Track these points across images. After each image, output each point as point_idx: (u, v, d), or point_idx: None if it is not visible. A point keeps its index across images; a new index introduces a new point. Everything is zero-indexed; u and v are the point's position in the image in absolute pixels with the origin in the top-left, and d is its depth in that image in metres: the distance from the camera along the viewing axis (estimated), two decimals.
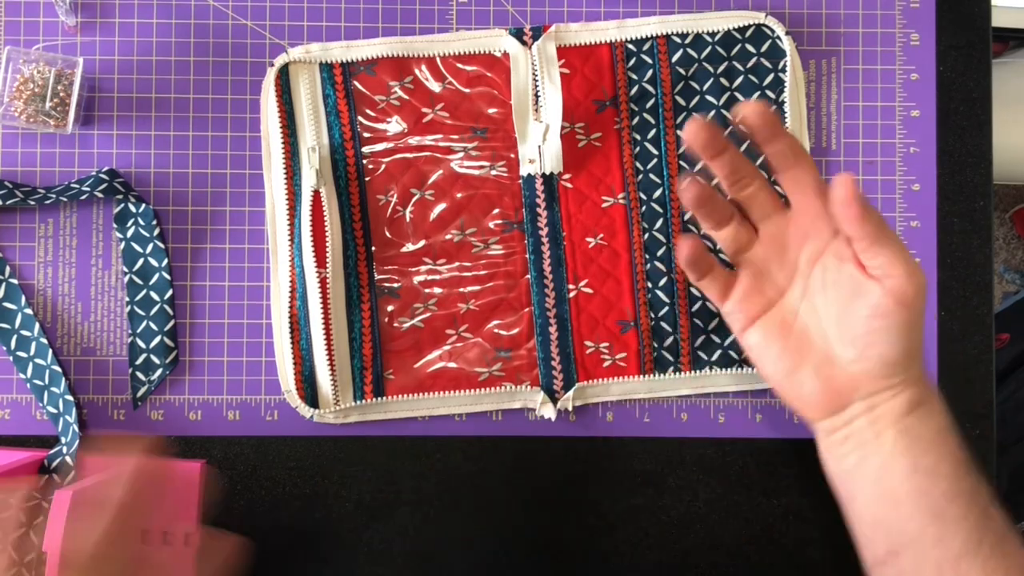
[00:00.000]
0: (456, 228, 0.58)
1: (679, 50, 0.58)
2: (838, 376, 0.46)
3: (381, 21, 0.59)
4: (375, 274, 0.57)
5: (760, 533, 0.59)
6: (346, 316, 0.57)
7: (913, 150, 0.60)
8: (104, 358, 0.58)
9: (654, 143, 0.58)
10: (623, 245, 0.58)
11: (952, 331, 0.59)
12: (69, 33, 0.58)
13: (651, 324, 0.58)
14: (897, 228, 0.60)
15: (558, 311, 0.58)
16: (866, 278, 0.45)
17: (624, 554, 0.58)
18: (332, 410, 0.56)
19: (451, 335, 0.57)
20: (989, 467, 0.59)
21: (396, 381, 0.57)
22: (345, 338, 0.57)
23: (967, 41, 0.60)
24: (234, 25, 0.59)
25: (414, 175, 0.57)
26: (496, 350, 0.57)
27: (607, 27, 0.58)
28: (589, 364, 0.58)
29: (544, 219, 0.58)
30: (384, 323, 0.57)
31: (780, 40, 0.58)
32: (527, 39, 0.58)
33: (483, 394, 0.57)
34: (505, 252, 0.58)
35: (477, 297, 0.58)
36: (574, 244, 0.58)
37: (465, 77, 0.58)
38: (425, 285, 0.58)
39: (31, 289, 0.58)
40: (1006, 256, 1.52)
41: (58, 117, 0.55)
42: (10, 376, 0.57)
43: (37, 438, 0.57)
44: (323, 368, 0.56)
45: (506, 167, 0.58)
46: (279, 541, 0.58)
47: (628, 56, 0.58)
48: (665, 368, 0.58)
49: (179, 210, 0.58)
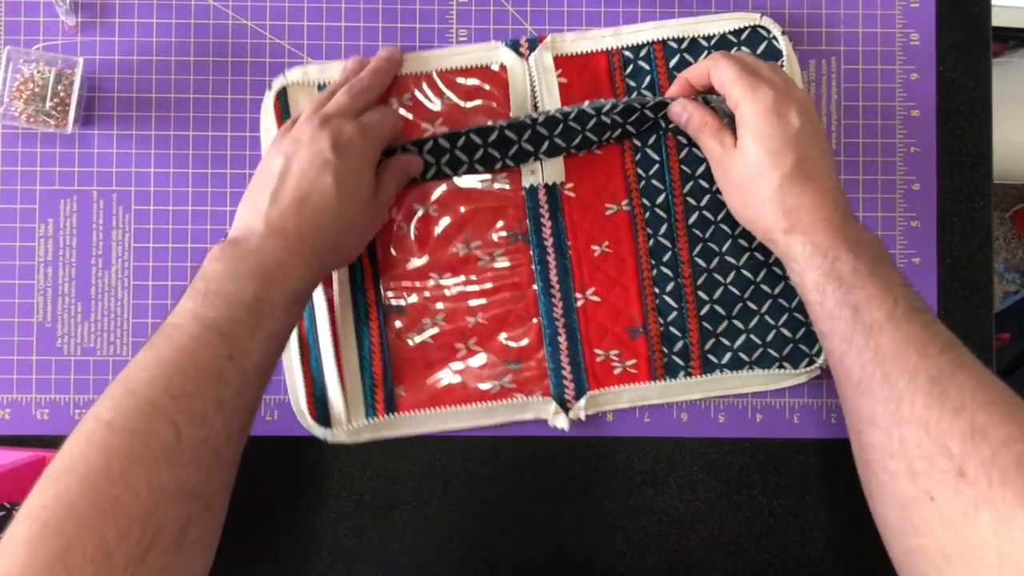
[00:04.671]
0: (461, 242, 0.57)
1: (676, 55, 0.58)
2: None
3: (381, 21, 0.59)
4: (382, 291, 0.57)
5: (760, 533, 0.59)
6: (355, 335, 0.57)
7: (913, 150, 0.60)
8: (104, 358, 0.58)
9: (655, 148, 0.58)
10: (629, 252, 0.58)
11: (952, 331, 0.59)
12: (69, 33, 0.58)
13: (660, 330, 0.58)
14: (897, 228, 0.60)
15: (567, 320, 0.57)
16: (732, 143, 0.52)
17: (624, 554, 0.58)
18: (345, 429, 0.56)
19: (460, 349, 0.57)
20: None
21: (407, 397, 0.57)
22: (355, 357, 0.57)
23: (967, 41, 0.60)
24: (234, 25, 0.59)
25: (417, 191, 0.57)
26: (506, 362, 0.57)
27: (603, 35, 0.58)
28: (600, 372, 0.57)
29: (548, 229, 0.57)
30: (393, 340, 0.57)
31: (776, 40, 0.58)
32: (523, 51, 0.58)
33: (495, 407, 0.57)
34: (511, 264, 0.58)
35: (485, 310, 0.57)
36: (580, 253, 0.58)
37: (464, 91, 0.58)
38: (432, 300, 0.57)
39: (31, 289, 0.58)
40: (1006, 256, 1.52)
41: (58, 117, 0.55)
42: (10, 376, 0.57)
43: (37, 438, 0.57)
44: (334, 388, 0.56)
45: (508, 179, 0.57)
46: (279, 541, 0.58)
47: (625, 63, 0.58)
48: (676, 373, 0.58)
49: (179, 210, 0.58)
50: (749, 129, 0.50)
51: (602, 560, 0.58)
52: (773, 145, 0.49)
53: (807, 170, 0.49)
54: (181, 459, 0.40)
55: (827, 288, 0.46)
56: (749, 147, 0.50)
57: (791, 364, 0.57)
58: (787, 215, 0.49)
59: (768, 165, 0.49)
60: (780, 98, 0.50)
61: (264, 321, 0.45)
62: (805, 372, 0.58)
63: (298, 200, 0.48)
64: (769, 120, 0.49)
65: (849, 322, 0.45)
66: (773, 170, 0.49)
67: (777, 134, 0.49)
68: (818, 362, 0.57)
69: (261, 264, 0.46)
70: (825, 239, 0.48)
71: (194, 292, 0.45)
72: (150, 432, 0.39)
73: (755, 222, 0.52)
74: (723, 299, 0.58)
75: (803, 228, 0.48)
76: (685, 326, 0.58)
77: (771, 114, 0.49)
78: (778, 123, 0.49)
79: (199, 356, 0.42)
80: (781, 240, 0.49)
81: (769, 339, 0.57)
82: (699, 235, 0.58)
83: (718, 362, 0.58)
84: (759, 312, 0.58)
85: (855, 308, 0.45)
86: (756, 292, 0.57)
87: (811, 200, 0.49)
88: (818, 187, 0.49)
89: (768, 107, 0.49)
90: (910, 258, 0.60)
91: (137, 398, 0.40)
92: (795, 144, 0.49)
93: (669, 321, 0.57)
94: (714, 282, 0.58)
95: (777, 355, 0.57)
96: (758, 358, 0.57)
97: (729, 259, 0.57)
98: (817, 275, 0.47)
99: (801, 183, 0.49)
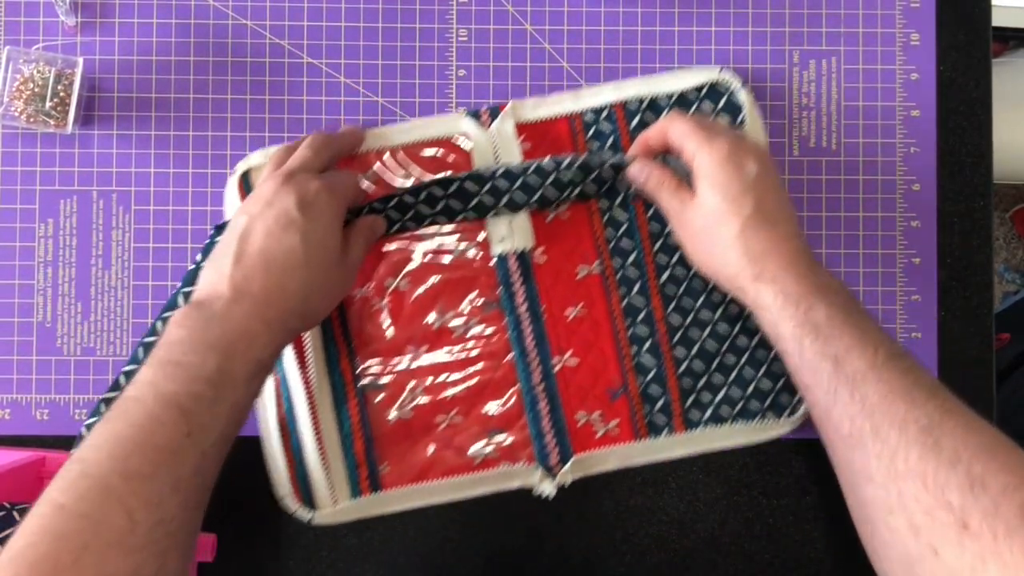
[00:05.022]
0: (435, 313, 0.57)
1: (636, 115, 0.58)
2: None
3: (381, 21, 0.59)
4: (359, 369, 0.57)
5: (760, 533, 0.59)
6: (334, 415, 0.56)
7: (913, 150, 0.60)
8: (104, 358, 0.58)
9: (622, 207, 0.57)
10: (603, 313, 0.57)
11: (952, 331, 0.59)
12: (69, 33, 0.58)
13: (640, 389, 0.57)
14: (897, 228, 0.60)
15: (546, 386, 0.57)
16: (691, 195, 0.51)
17: (624, 554, 0.58)
18: (331, 510, 0.56)
19: (442, 421, 0.57)
20: None
21: (392, 474, 0.56)
22: (336, 438, 0.56)
23: (967, 41, 0.60)
24: (234, 25, 0.59)
25: (388, 266, 0.57)
26: (489, 432, 0.57)
27: (563, 99, 0.58)
28: (583, 435, 0.57)
29: (521, 295, 0.57)
30: (373, 417, 0.56)
31: (736, 94, 0.58)
32: (484, 120, 0.57)
33: (480, 477, 0.56)
34: (487, 333, 0.57)
35: (464, 381, 0.57)
36: (554, 317, 0.57)
37: (427, 164, 0.57)
38: (410, 375, 0.57)
39: (31, 289, 0.58)
40: (1006, 256, 1.52)
41: (58, 117, 0.55)
42: (10, 376, 0.57)
43: (37, 438, 0.57)
44: (317, 470, 0.55)
45: (478, 248, 0.57)
46: (279, 541, 0.58)
47: (587, 126, 0.58)
48: (659, 431, 0.57)
49: (179, 210, 0.58)
50: (707, 178, 0.49)
51: (602, 560, 0.58)
52: (731, 192, 0.48)
53: (768, 215, 0.48)
54: (134, 544, 0.38)
55: (804, 339, 0.45)
56: (707, 195, 0.49)
57: (774, 414, 0.57)
58: (752, 261, 0.48)
59: (727, 211, 0.48)
60: (736, 147, 0.49)
61: (226, 394, 0.43)
62: (788, 422, 0.57)
63: (264, 261, 0.47)
64: (726, 168, 0.49)
65: (831, 374, 0.44)
66: (733, 216, 0.48)
67: (735, 181, 0.48)
68: (800, 411, 0.57)
69: (225, 333, 0.44)
70: (795, 286, 0.47)
71: (155, 362, 0.43)
72: (102, 517, 0.38)
73: (720, 271, 0.51)
74: (701, 354, 0.57)
75: (771, 275, 0.47)
76: (665, 383, 0.57)
77: (728, 162, 0.49)
78: (735, 170, 0.49)
79: (156, 435, 0.41)
80: (750, 288, 0.48)
81: (750, 391, 0.57)
82: (673, 291, 0.57)
83: (700, 417, 0.57)
84: (738, 365, 0.57)
85: (835, 359, 0.44)
86: (733, 345, 0.57)
87: (775, 245, 0.48)
88: (781, 232, 0.48)
89: (724, 155, 0.49)
90: (910, 258, 0.60)
91: (90, 480, 0.39)
92: (753, 190, 0.48)
93: (648, 379, 0.57)
94: (691, 337, 0.57)
95: (759, 406, 0.57)
96: (740, 411, 0.57)
97: (704, 313, 0.57)
98: (792, 326, 0.46)
99: (763, 228, 0.48)
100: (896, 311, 0.59)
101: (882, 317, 0.59)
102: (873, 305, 0.59)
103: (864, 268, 0.59)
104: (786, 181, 0.60)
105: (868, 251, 0.59)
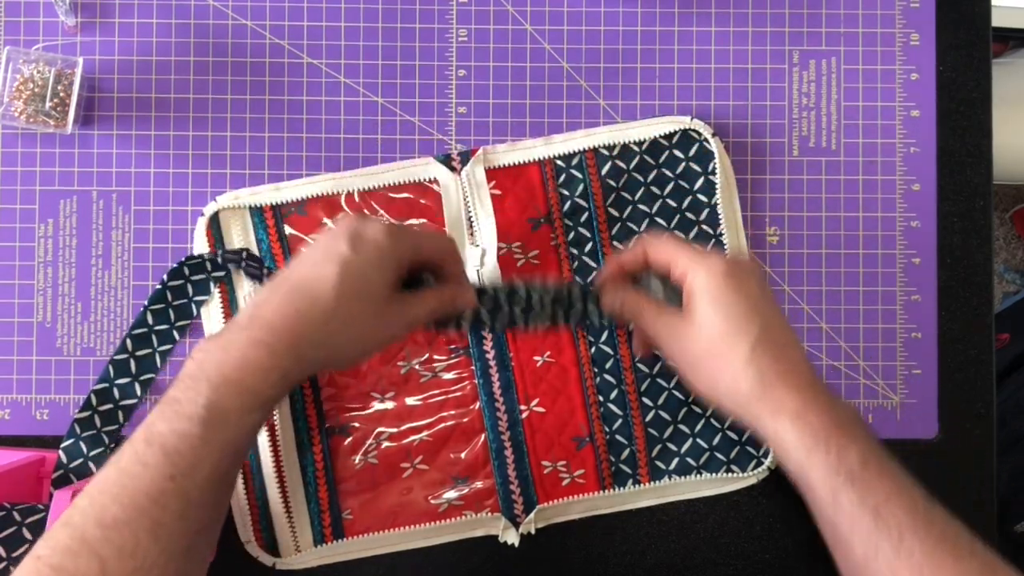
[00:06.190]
0: (402, 359, 0.57)
1: (607, 162, 0.58)
2: None
3: (381, 21, 0.59)
4: (324, 415, 0.57)
5: (760, 533, 0.59)
6: (298, 461, 0.56)
7: (913, 150, 0.60)
8: (104, 358, 0.58)
9: (592, 256, 0.58)
10: (571, 361, 0.57)
11: (952, 331, 0.59)
12: (69, 33, 0.58)
13: (606, 438, 0.57)
14: (897, 228, 0.60)
15: (512, 434, 0.57)
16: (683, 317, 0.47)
17: (624, 554, 0.58)
18: (293, 557, 0.56)
19: (407, 468, 0.57)
20: (989, 467, 0.59)
21: (355, 521, 0.56)
22: (299, 484, 0.56)
23: (967, 41, 0.60)
24: (234, 25, 0.59)
25: None
26: (454, 479, 0.57)
27: (534, 145, 0.58)
28: (548, 484, 0.57)
29: (490, 342, 0.57)
30: (337, 464, 0.56)
31: (707, 142, 0.58)
32: (455, 164, 0.57)
33: (444, 525, 0.56)
34: (454, 380, 0.57)
35: (429, 427, 0.57)
36: (522, 364, 0.57)
37: (397, 208, 0.57)
38: (376, 420, 0.57)
39: (31, 289, 0.58)
40: (1006, 256, 1.52)
41: (58, 117, 0.55)
42: (10, 376, 0.57)
43: (37, 438, 0.57)
44: (280, 516, 0.55)
45: None
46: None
47: (558, 173, 0.58)
48: (624, 482, 0.57)
49: (179, 210, 0.58)
50: (706, 296, 0.46)
51: (602, 560, 0.58)
52: (736, 312, 0.45)
53: (776, 338, 0.45)
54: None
55: (840, 488, 0.42)
56: (707, 315, 0.46)
57: (739, 467, 0.58)
58: (767, 388, 0.44)
59: (733, 333, 0.45)
60: (733, 264, 0.46)
61: (215, 433, 0.41)
62: (754, 475, 0.58)
63: (289, 284, 0.44)
64: (729, 285, 0.45)
65: (871, 527, 0.41)
66: (741, 338, 0.45)
67: (740, 300, 0.45)
68: (766, 463, 0.58)
69: (221, 364, 0.42)
70: (817, 420, 0.43)
71: (161, 398, 0.42)
72: (74, 569, 0.37)
73: (727, 398, 0.46)
74: (667, 404, 0.57)
75: (792, 410, 0.44)
76: (631, 433, 0.57)
77: (729, 279, 0.46)
78: (738, 288, 0.45)
79: (138, 479, 0.39)
80: (768, 423, 0.44)
81: (715, 443, 0.57)
82: (640, 344, 0.56)
83: (666, 468, 0.57)
84: (704, 416, 0.58)
85: (875, 511, 0.41)
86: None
87: (789, 371, 0.45)
88: (792, 355, 0.45)
89: (724, 272, 0.46)
90: (910, 258, 0.60)
91: (69, 528, 0.38)
92: (758, 310, 0.45)
93: (615, 429, 0.57)
94: (658, 387, 0.57)
95: (724, 459, 0.57)
96: (705, 462, 0.57)
97: (671, 363, 0.56)
98: (824, 473, 0.42)
99: (773, 350, 0.45)
100: (896, 311, 0.59)
101: (882, 317, 0.59)
102: (873, 305, 0.59)
103: (864, 268, 0.59)
104: (786, 181, 0.60)
105: (868, 251, 0.59)
